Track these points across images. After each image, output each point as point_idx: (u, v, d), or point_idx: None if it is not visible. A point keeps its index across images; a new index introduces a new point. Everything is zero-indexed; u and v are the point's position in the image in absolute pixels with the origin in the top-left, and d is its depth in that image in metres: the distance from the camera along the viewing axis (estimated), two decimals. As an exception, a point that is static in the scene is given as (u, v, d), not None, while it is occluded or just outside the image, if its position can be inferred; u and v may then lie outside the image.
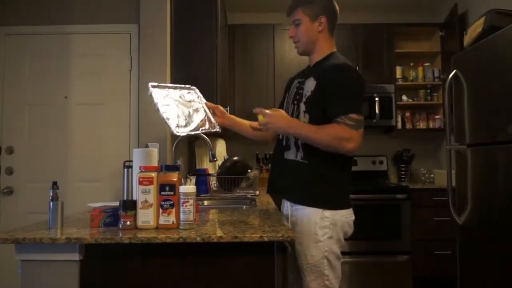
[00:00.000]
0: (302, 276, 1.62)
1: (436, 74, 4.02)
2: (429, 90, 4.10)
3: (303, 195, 1.64)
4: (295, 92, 1.78)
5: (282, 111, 1.66)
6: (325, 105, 1.60)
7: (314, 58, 1.76)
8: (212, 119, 1.92)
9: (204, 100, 1.97)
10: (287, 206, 1.74)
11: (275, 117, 1.60)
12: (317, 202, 1.60)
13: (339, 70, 1.62)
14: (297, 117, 1.69)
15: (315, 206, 1.60)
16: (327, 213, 1.58)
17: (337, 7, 1.77)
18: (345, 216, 1.63)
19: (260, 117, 1.62)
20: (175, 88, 1.92)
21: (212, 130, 1.84)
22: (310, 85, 1.67)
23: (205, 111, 1.92)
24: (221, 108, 1.98)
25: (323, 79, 1.63)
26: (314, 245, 1.58)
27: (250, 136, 2.00)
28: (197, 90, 1.99)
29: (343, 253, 1.68)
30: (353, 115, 1.54)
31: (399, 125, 4.01)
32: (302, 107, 1.68)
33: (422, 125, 4.08)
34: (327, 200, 1.60)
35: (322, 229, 1.58)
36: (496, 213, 2.17)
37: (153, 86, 1.79)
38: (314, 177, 1.62)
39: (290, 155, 1.69)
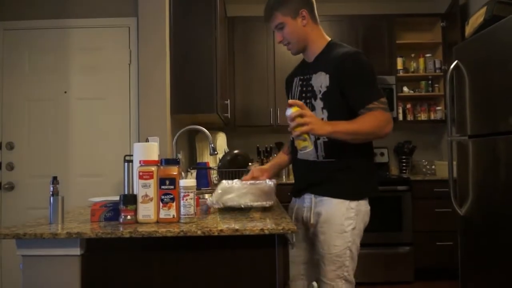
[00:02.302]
0: (321, 264, 1.62)
1: (438, 65, 4.00)
2: (430, 82, 4.07)
3: (329, 188, 1.63)
4: (299, 90, 1.74)
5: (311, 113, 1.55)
6: (347, 95, 1.58)
7: (311, 52, 1.73)
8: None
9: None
10: (309, 200, 1.71)
11: (316, 118, 1.49)
12: (345, 194, 1.61)
13: (353, 59, 1.58)
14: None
15: (342, 198, 1.60)
16: (353, 204, 1.61)
17: None
18: (366, 206, 1.66)
19: (295, 109, 1.45)
20: None
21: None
22: (322, 80, 1.63)
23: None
24: (255, 171, 1.85)
25: (337, 71, 1.59)
26: (339, 236, 1.59)
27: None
28: None
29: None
30: (383, 99, 1.56)
31: (400, 117, 4.00)
32: (319, 103, 1.63)
33: (423, 116, 4.07)
34: (354, 192, 1.62)
35: (347, 220, 1.59)
36: (497, 204, 2.17)
37: None
38: (340, 171, 1.62)
39: (308, 156, 1.67)
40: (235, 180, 1.74)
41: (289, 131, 1.49)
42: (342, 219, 1.59)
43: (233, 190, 1.66)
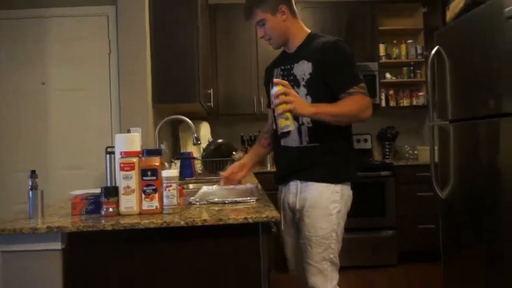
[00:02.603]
0: (307, 247, 1.65)
1: (419, 51, 4.03)
2: (412, 68, 4.10)
3: (314, 173, 1.67)
4: (291, 73, 1.75)
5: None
6: (329, 82, 1.64)
7: (292, 44, 1.77)
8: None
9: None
10: (295, 186, 1.73)
11: (300, 98, 1.53)
12: (328, 177, 1.66)
13: (334, 47, 1.65)
14: None
15: (327, 182, 1.65)
16: (338, 187, 1.66)
17: None
18: (348, 190, 1.72)
19: (280, 87, 1.47)
20: None
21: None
22: (305, 68, 1.68)
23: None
24: (235, 167, 1.90)
25: (319, 58, 1.64)
26: (325, 218, 1.64)
27: (269, 151, 2.00)
28: None
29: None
30: (362, 84, 1.62)
31: (383, 103, 4.03)
32: (303, 90, 1.68)
33: (405, 102, 4.10)
34: (338, 175, 1.68)
35: (333, 203, 1.65)
36: (478, 187, 2.21)
37: None
38: (324, 154, 1.67)
39: (292, 142, 1.71)
40: (214, 186, 1.82)
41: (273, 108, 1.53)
42: (327, 202, 1.64)
43: (216, 192, 1.70)
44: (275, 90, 1.47)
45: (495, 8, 2.03)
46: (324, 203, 1.64)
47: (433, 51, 2.54)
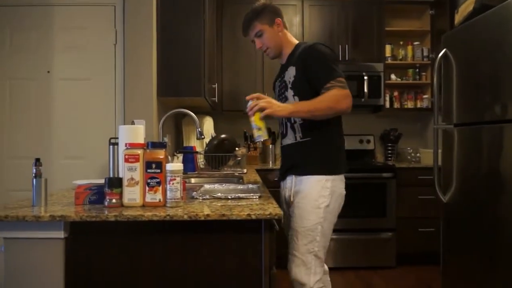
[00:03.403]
0: (294, 239, 1.73)
1: (425, 53, 4.01)
2: (417, 70, 4.09)
3: (307, 166, 1.78)
4: (278, 90, 1.96)
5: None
6: (310, 81, 1.76)
7: (284, 55, 1.94)
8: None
9: None
10: (290, 180, 1.84)
11: (275, 102, 1.71)
12: (320, 169, 1.75)
13: (312, 48, 1.78)
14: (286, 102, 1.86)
15: (318, 174, 1.74)
16: (329, 183, 1.74)
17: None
18: (342, 189, 1.80)
19: (253, 102, 1.69)
20: None
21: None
22: (291, 72, 1.84)
23: None
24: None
25: (300, 62, 1.79)
26: (313, 210, 1.71)
27: None
28: None
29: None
30: (340, 78, 1.71)
31: (387, 104, 4.02)
32: (290, 92, 1.83)
33: (410, 104, 4.09)
34: (329, 167, 1.77)
35: (322, 197, 1.72)
36: (480, 192, 2.21)
37: None
38: (315, 148, 1.79)
39: (288, 140, 1.88)
40: (216, 185, 1.91)
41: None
42: (317, 195, 1.72)
43: (219, 189, 1.73)
44: (249, 103, 1.69)
45: (504, 13, 2.02)
46: (314, 196, 1.72)
47: (441, 54, 2.54)
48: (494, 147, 2.11)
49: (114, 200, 1.39)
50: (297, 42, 1.95)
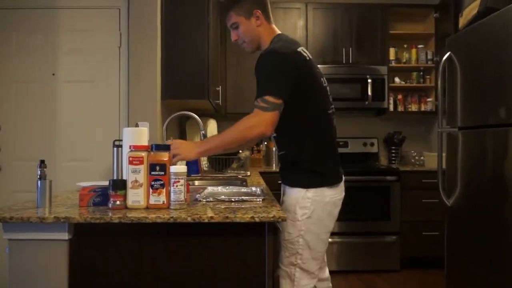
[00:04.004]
0: (280, 250, 1.67)
1: (429, 57, 4.01)
2: (421, 73, 4.08)
3: (288, 178, 1.70)
4: None
5: (179, 140, 1.65)
6: None
7: (263, 49, 1.73)
8: None
9: None
10: (282, 188, 1.79)
11: (184, 146, 1.56)
12: (298, 183, 1.63)
13: (260, 60, 1.59)
14: None
15: (298, 187, 1.63)
16: (310, 193, 1.60)
17: None
18: (330, 196, 1.63)
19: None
20: None
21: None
22: None
23: None
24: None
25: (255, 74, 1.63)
26: (292, 223, 1.61)
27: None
28: None
29: (332, 233, 1.70)
30: (268, 97, 1.50)
31: (391, 107, 4.01)
32: None
33: (413, 107, 4.09)
34: (310, 181, 1.62)
35: (302, 209, 1.60)
36: (485, 196, 2.20)
37: None
38: (292, 162, 1.66)
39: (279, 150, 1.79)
40: (219, 187, 1.85)
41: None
42: (295, 207, 1.61)
43: (222, 192, 1.70)
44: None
45: (509, 16, 2.02)
46: (292, 208, 1.61)
47: (445, 57, 2.53)
48: (498, 150, 2.10)
49: (118, 202, 1.39)
50: (272, 37, 1.71)
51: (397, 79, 4.07)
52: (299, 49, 1.63)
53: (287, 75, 1.55)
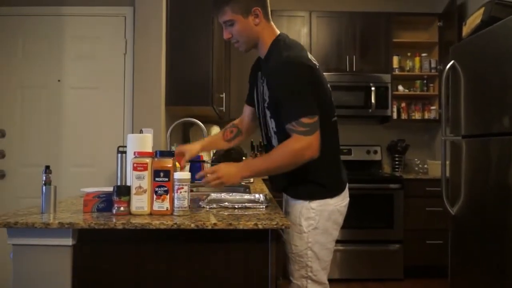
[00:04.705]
0: (288, 264, 1.63)
1: (433, 65, 4.01)
2: (425, 81, 4.09)
3: (291, 190, 1.64)
4: (262, 89, 1.66)
5: (223, 164, 1.55)
6: (278, 106, 1.52)
7: (261, 51, 1.63)
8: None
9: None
10: (284, 198, 1.75)
11: (225, 170, 1.50)
12: (303, 195, 1.59)
13: (279, 71, 1.48)
14: (265, 118, 1.65)
15: (301, 199, 1.59)
16: (314, 204, 1.57)
17: None
18: (334, 205, 1.59)
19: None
20: None
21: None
22: (265, 90, 1.60)
23: None
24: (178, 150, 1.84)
25: (270, 84, 1.54)
26: (298, 236, 1.57)
27: (228, 146, 2.01)
28: None
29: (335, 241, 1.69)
30: (305, 119, 1.43)
31: (395, 115, 4.01)
32: (268, 112, 1.62)
33: (417, 115, 4.09)
34: (313, 193, 1.58)
35: (307, 220, 1.57)
36: (489, 204, 2.19)
37: None
38: (298, 173, 1.55)
39: None
40: (223, 194, 1.81)
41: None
42: (301, 219, 1.57)
43: (225, 198, 1.69)
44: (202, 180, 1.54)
45: (513, 25, 2.02)
46: (297, 220, 1.57)
47: (448, 66, 2.54)
48: (502, 159, 2.09)
49: (122, 208, 1.40)
50: (274, 38, 1.59)
51: (400, 87, 4.08)
52: (309, 56, 1.57)
53: (311, 88, 1.48)
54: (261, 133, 1.75)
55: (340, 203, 1.62)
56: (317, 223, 1.56)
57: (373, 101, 3.83)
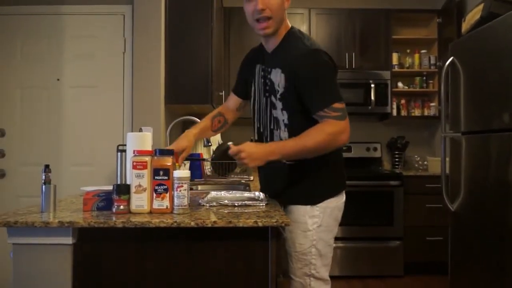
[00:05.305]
0: (289, 262, 1.63)
1: (432, 62, 4.01)
2: (424, 78, 4.09)
3: (296, 196, 1.63)
4: (263, 82, 1.65)
5: (250, 143, 1.51)
6: (303, 99, 1.51)
7: (270, 42, 1.61)
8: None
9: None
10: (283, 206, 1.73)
11: (252, 151, 1.46)
12: (309, 200, 1.59)
13: (308, 60, 1.49)
14: (271, 111, 1.62)
15: (308, 204, 1.59)
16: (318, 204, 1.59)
17: None
18: (335, 201, 1.62)
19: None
20: None
21: None
22: (278, 78, 1.56)
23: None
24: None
25: (293, 72, 1.51)
26: (303, 234, 1.58)
27: (213, 136, 2.03)
28: None
29: (335, 238, 1.69)
30: (337, 105, 1.46)
31: (394, 112, 4.01)
32: (279, 104, 1.58)
33: (417, 112, 4.09)
34: (319, 196, 1.59)
35: (311, 218, 1.58)
36: (489, 200, 2.19)
37: None
38: (303, 176, 1.59)
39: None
40: (223, 192, 1.78)
41: None
42: (306, 217, 1.58)
43: (225, 196, 1.69)
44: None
45: (511, 21, 2.02)
46: (302, 218, 1.58)
47: (448, 62, 2.54)
48: (502, 155, 2.10)
49: (122, 207, 1.40)
50: (288, 29, 1.59)
51: (400, 84, 4.07)
52: None
53: (336, 76, 1.55)
54: (254, 127, 1.73)
55: (340, 199, 1.65)
56: (321, 220, 1.58)
57: (372, 98, 3.83)
